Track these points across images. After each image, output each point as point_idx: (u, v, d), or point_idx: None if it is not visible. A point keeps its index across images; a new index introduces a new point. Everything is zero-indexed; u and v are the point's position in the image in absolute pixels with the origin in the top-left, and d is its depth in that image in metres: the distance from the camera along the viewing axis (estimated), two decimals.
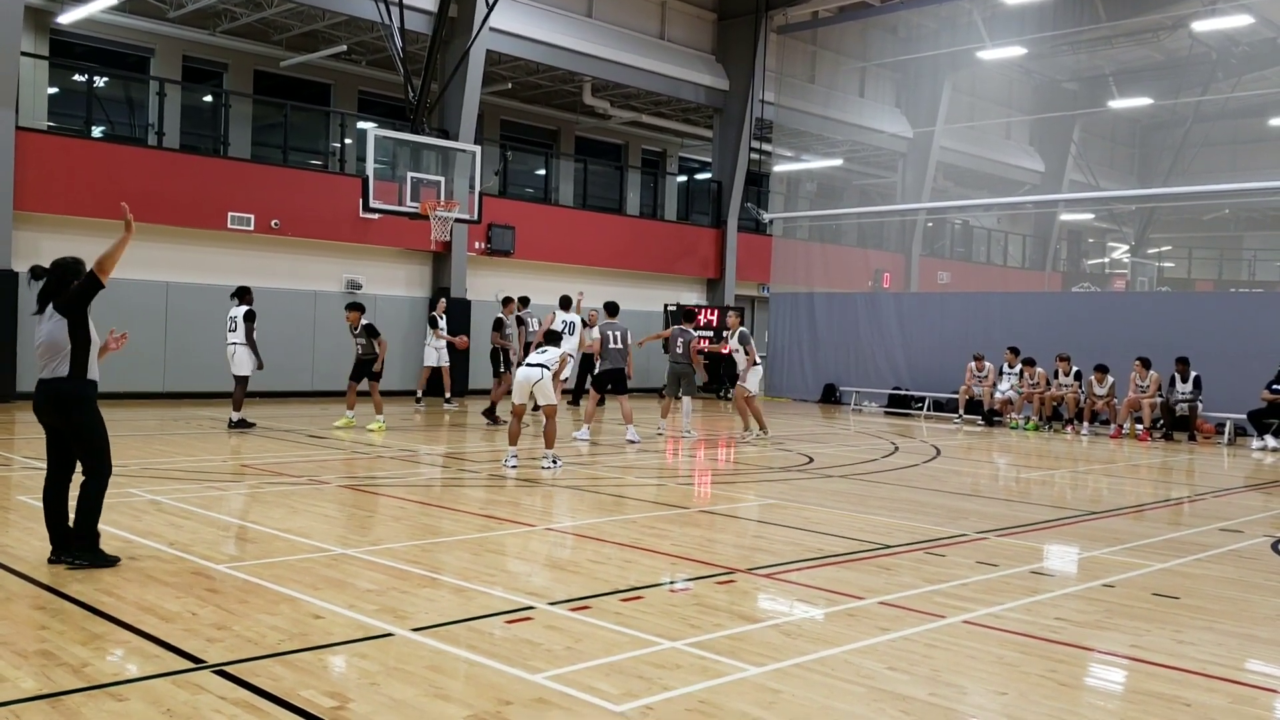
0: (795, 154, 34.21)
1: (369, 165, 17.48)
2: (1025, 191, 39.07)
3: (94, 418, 6.77)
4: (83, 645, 5.18)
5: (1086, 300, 26.24)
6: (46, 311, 6.69)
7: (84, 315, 6.71)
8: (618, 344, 15.78)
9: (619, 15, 26.50)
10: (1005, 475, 14.04)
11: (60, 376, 6.66)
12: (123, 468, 11.12)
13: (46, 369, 6.69)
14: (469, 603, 6.19)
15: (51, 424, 6.79)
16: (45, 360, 6.69)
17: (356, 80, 26.67)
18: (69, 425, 6.72)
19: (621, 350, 15.81)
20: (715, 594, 6.61)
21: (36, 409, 6.80)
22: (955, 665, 5.31)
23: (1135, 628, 6.15)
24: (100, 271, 6.67)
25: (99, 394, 6.88)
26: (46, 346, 6.66)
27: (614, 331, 15.83)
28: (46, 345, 6.66)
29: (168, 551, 7.25)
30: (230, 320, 15.35)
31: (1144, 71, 35.56)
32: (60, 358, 6.65)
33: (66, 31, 22.25)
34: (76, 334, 6.67)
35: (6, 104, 17.50)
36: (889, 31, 33.05)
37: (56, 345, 6.64)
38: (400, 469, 12.09)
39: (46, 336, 6.66)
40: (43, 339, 6.68)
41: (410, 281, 23.26)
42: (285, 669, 4.92)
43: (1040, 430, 19.84)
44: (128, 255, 7.03)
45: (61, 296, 6.68)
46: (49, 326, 6.66)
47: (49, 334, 6.65)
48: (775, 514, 9.81)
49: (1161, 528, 9.90)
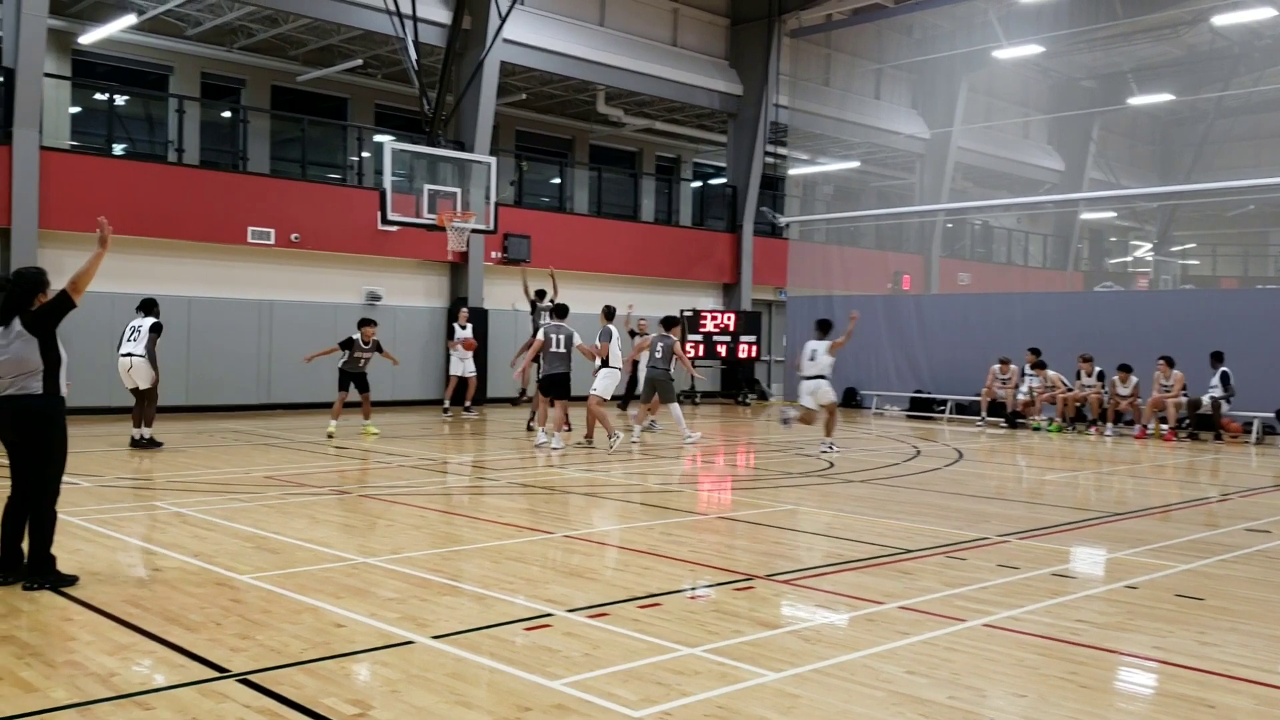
0: (811, 157, 34.19)
1: (386, 178, 17.58)
2: (1045, 191, 38.92)
3: (63, 436, 6.64)
4: (110, 655, 5.24)
5: (1109, 299, 26.07)
6: (12, 325, 6.51)
7: (54, 335, 6.57)
8: (560, 348, 14.90)
9: (631, 23, 26.57)
10: (1027, 478, 13.98)
11: (33, 393, 6.50)
12: (147, 480, 11.23)
13: (14, 385, 6.50)
14: (489, 610, 6.22)
15: (15, 441, 6.61)
16: (11, 376, 6.50)
17: (373, 94, 26.84)
18: (37, 442, 6.54)
19: (565, 355, 14.92)
20: (734, 600, 6.62)
21: (1, 425, 6.63)
22: (975, 668, 5.30)
23: (1158, 629, 6.12)
24: (73, 291, 6.51)
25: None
26: (12, 362, 6.47)
27: (558, 335, 14.96)
28: (12, 361, 6.47)
29: (192, 563, 7.32)
30: (132, 330, 14.25)
31: (1164, 67, 35.38)
32: (30, 375, 6.48)
33: (87, 51, 22.51)
34: (47, 353, 6.53)
35: (30, 124, 17.71)
36: (904, 33, 33.01)
37: (25, 363, 6.47)
38: (420, 478, 12.15)
39: (13, 353, 6.47)
40: (8, 355, 6.48)
41: (429, 292, 23.37)
42: (308, 677, 4.96)
43: (1063, 432, 19.73)
44: (149, 271, 7.08)
45: (30, 314, 6.52)
46: (15, 344, 6.48)
47: (15, 351, 6.47)
48: (795, 519, 9.81)
49: (1186, 528, 9.84)
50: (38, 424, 6.54)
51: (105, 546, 7.83)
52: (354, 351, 16.13)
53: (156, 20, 22.08)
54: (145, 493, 10.44)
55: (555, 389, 14.99)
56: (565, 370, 14.98)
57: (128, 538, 8.16)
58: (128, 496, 10.19)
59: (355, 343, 16.11)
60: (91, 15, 21.79)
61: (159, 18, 21.91)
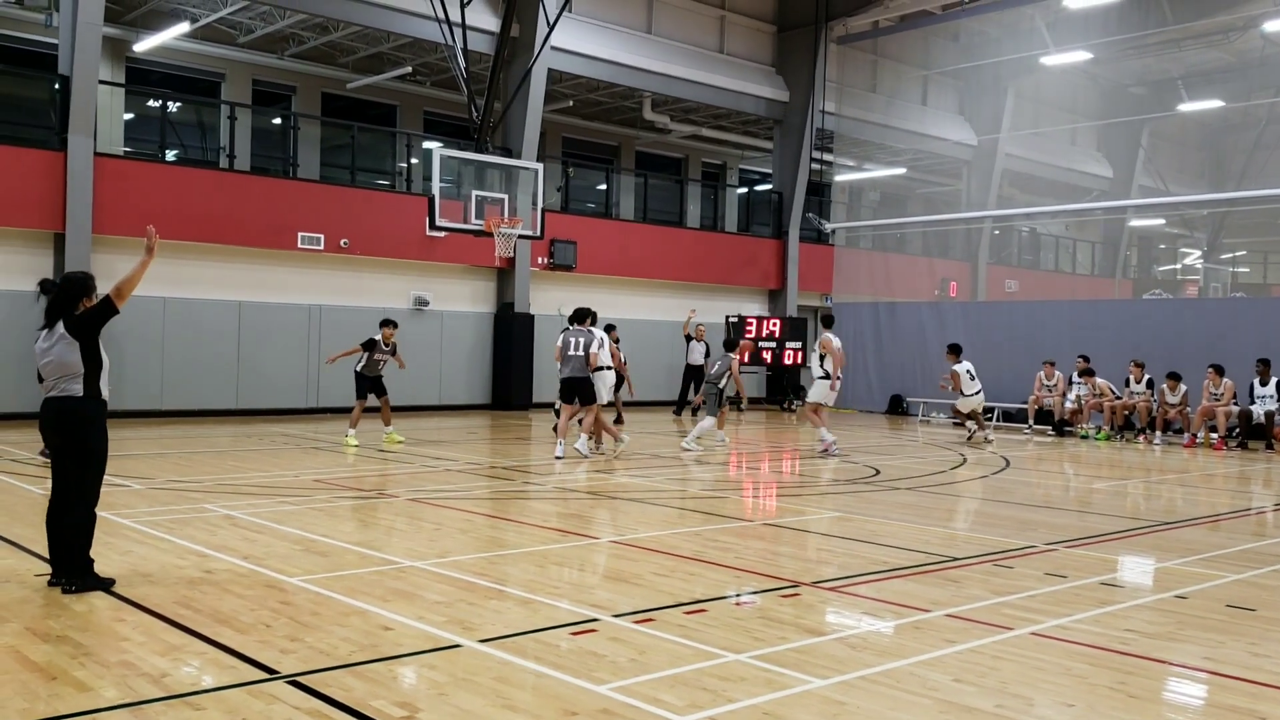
0: (857, 163, 34.05)
1: (435, 184, 17.72)
2: (1093, 197, 38.45)
3: (103, 440, 6.69)
4: (161, 656, 5.33)
5: (1158, 307, 25.75)
6: (56, 328, 6.59)
7: (96, 339, 6.65)
8: (578, 350, 14.64)
9: (678, 30, 26.61)
10: (1075, 486, 13.83)
11: (73, 395, 6.58)
12: (197, 483, 11.39)
13: (56, 388, 6.61)
14: (535, 614, 6.26)
15: (58, 443, 6.68)
16: (54, 378, 6.61)
17: (421, 101, 27.08)
18: (78, 444, 6.60)
19: (583, 358, 14.64)
20: (780, 607, 6.61)
21: (43, 427, 6.75)
22: (1022, 677, 5.27)
23: (1209, 639, 6.05)
24: (117, 297, 6.56)
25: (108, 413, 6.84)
26: (55, 365, 6.57)
27: (577, 339, 14.72)
28: (55, 364, 6.57)
29: (242, 565, 7.42)
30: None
31: (1214, 74, 34.84)
32: (71, 378, 6.57)
33: (141, 59, 22.89)
34: (89, 357, 6.60)
35: (85, 131, 18.03)
36: (950, 39, 32.78)
37: (66, 365, 6.55)
38: (467, 482, 12.23)
39: (55, 355, 6.56)
40: (51, 357, 6.58)
41: (475, 297, 23.52)
42: (356, 680, 5.02)
43: (1111, 440, 19.51)
44: (201, 276, 7.16)
45: (73, 319, 6.59)
46: (58, 346, 6.57)
47: (58, 354, 6.57)
48: (841, 527, 9.77)
49: (1237, 538, 9.70)
50: (78, 426, 6.61)
51: (157, 548, 7.96)
52: (374, 353, 15.69)
53: (209, 28, 22.43)
54: (195, 495, 10.59)
55: (573, 393, 14.66)
56: (583, 374, 14.62)
57: (179, 540, 8.28)
58: (178, 499, 10.34)
59: (376, 344, 15.71)
60: (145, 23, 22.16)
61: (211, 25, 22.26)
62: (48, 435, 6.79)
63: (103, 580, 6.70)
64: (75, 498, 6.65)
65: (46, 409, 6.70)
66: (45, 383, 6.71)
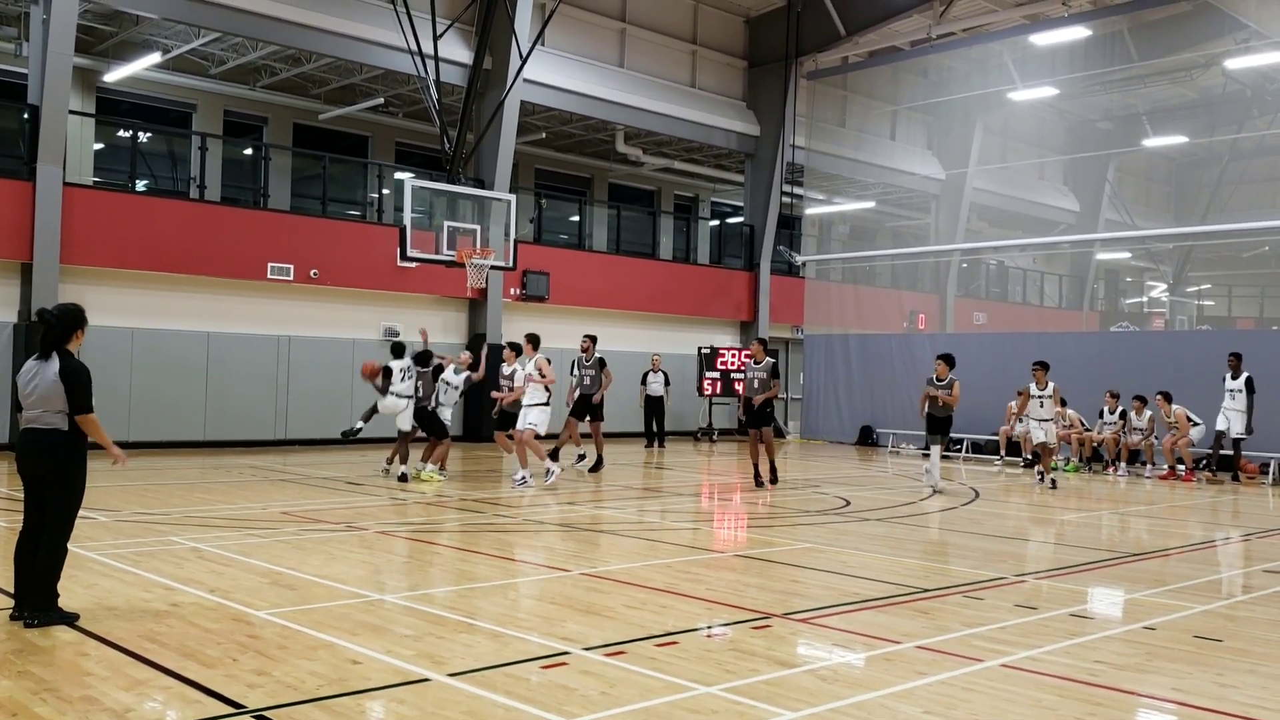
0: (827, 197, 34.33)
1: (406, 215, 17.69)
2: (1060, 231, 38.92)
3: (82, 472, 6.70)
4: (126, 691, 5.25)
5: (1125, 340, 26.00)
6: (51, 360, 6.59)
7: None
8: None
9: (651, 64, 26.80)
10: (1045, 518, 13.90)
11: (57, 429, 6.57)
12: (164, 515, 11.27)
13: (40, 419, 6.60)
14: (505, 648, 6.22)
15: (35, 473, 6.64)
16: (38, 409, 6.59)
17: (393, 132, 27.11)
18: (57, 476, 6.58)
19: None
20: (751, 639, 6.60)
21: (21, 456, 6.69)
22: (993, 709, 5.28)
23: (1176, 670, 6.08)
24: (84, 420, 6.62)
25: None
26: (40, 397, 6.56)
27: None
28: (41, 396, 6.57)
29: (209, 598, 7.34)
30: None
31: (1178, 110, 35.43)
32: (56, 413, 6.56)
33: (112, 89, 22.81)
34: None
35: (54, 161, 17.91)
36: (919, 75, 33.18)
37: (51, 400, 6.54)
38: (437, 515, 12.15)
39: (43, 388, 6.55)
40: (39, 388, 6.56)
41: (447, 328, 23.45)
42: (324, 714, 4.97)
43: (1080, 471, 19.64)
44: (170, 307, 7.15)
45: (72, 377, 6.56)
46: (49, 379, 6.55)
47: (46, 386, 6.55)
48: (812, 558, 9.78)
49: (1204, 569, 9.77)
50: (59, 457, 6.60)
51: (122, 581, 7.86)
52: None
53: (181, 59, 22.39)
54: (162, 528, 10.48)
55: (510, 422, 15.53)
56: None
57: (145, 573, 8.19)
58: (145, 531, 10.23)
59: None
60: (117, 54, 22.11)
61: (183, 56, 22.22)
62: (25, 465, 6.71)
63: (66, 614, 6.63)
64: (50, 528, 6.61)
65: (26, 438, 6.67)
66: (27, 412, 6.67)
